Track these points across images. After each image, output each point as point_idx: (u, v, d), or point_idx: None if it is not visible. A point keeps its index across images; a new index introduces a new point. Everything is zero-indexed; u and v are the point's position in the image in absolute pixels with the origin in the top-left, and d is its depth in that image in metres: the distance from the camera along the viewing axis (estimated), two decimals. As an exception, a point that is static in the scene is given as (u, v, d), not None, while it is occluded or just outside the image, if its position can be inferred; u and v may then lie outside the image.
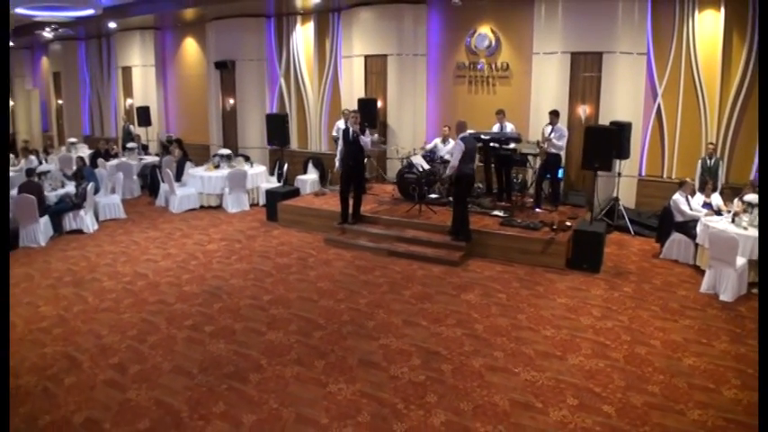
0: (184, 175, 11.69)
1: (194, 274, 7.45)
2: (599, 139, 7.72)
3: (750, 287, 6.65)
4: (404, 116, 11.76)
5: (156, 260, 8.10)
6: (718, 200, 7.95)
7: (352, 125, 8.58)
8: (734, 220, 7.07)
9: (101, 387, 4.77)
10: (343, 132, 8.74)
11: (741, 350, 5.28)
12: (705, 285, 6.75)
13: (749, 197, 7.10)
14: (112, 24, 14.55)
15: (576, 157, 9.22)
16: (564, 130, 9.07)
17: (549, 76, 9.99)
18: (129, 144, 14.14)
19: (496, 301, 6.47)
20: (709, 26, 9.08)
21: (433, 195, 9.53)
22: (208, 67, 14.43)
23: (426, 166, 9.24)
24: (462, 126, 7.93)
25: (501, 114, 9.54)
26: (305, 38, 13.18)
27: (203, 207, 11.28)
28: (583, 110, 9.80)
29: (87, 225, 9.64)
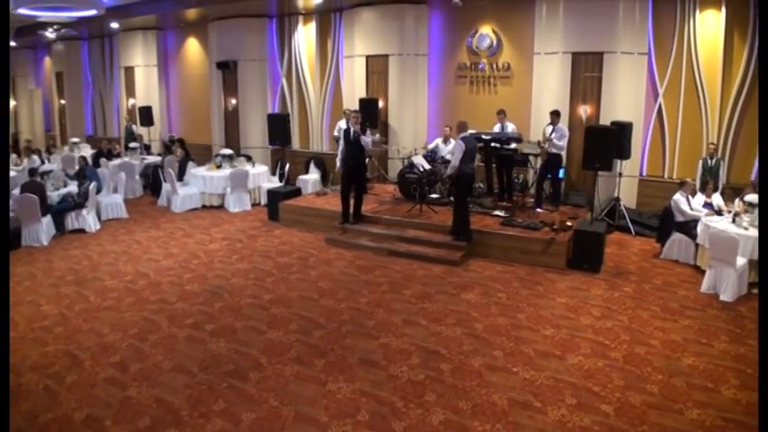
0: (186, 175, 11.74)
1: (196, 274, 7.49)
2: (599, 139, 7.73)
3: (750, 287, 6.65)
4: (405, 116, 11.78)
5: (158, 259, 8.13)
6: (719, 200, 7.94)
7: (353, 125, 8.60)
8: (734, 221, 7.07)
9: (102, 385, 4.80)
10: (345, 132, 8.76)
11: (741, 350, 5.28)
12: (705, 285, 6.75)
13: (750, 197, 7.10)
14: (115, 24, 14.60)
15: (577, 158, 9.22)
16: (565, 130, 9.08)
17: (550, 77, 9.99)
18: (132, 144, 14.19)
19: (496, 300, 6.48)
20: (710, 26, 9.07)
21: (434, 195, 9.54)
22: (210, 67, 14.47)
23: (427, 166, 9.26)
24: (463, 126, 7.94)
25: (502, 114, 9.56)
26: (307, 38, 13.20)
27: (205, 207, 11.31)
28: (584, 110, 9.80)
29: (89, 224, 9.69)
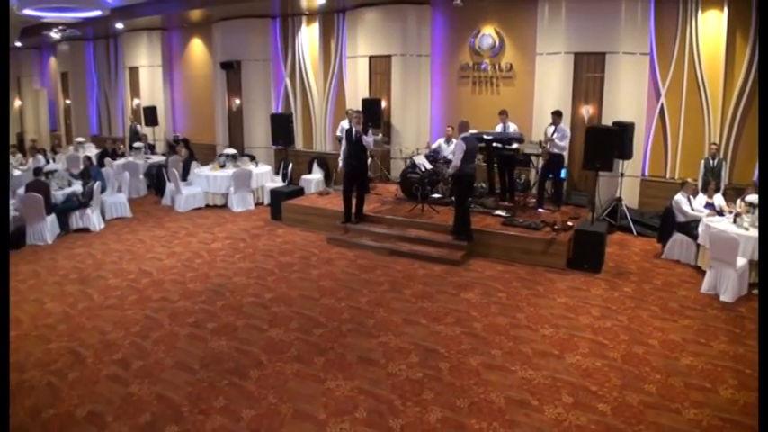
0: (190, 175, 11.80)
1: (198, 272, 7.54)
2: (600, 140, 7.73)
3: (751, 288, 6.65)
4: (408, 116, 11.81)
5: (161, 258, 8.19)
6: (721, 200, 7.94)
7: (354, 125, 8.65)
8: (735, 221, 7.07)
9: (104, 382, 4.86)
10: (347, 132, 8.80)
11: (740, 350, 5.29)
12: (706, 286, 6.76)
13: (751, 198, 7.09)
14: (120, 25, 14.70)
15: (579, 158, 9.21)
16: (566, 130, 9.10)
17: (553, 77, 10.00)
18: (136, 144, 14.28)
19: (496, 300, 6.50)
20: (712, 26, 9.06)
21: (436, 195, 9.58)
22: (214, 67, 14.53)
23: (429, 166, 9.28)
24: (464, 126, 7.97)
25: (504, 115, 9.58)
26: (310, 38, 13.25)
27: (209, 206, 11.38)
28: (586, 110, 9.80)
29: (94, 223, 9.77)
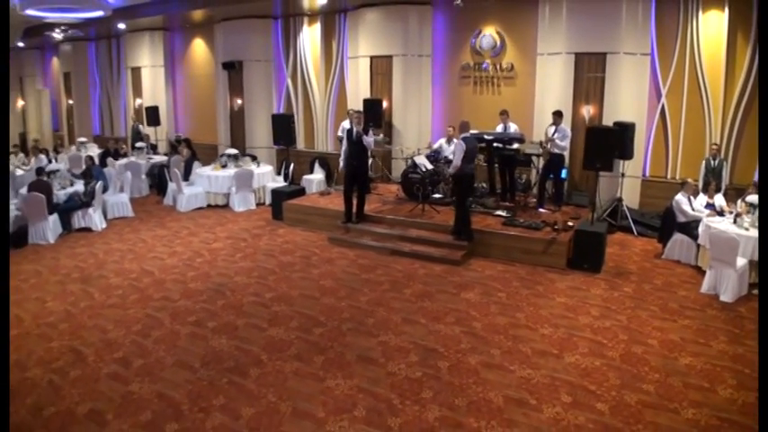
0: (192, 175, 11.84)
1: (199, 272, 7.57)
2: (600, 140, 7.72)
3: (751, 288, 6.65)
4: (409, 116, 11.82)
5: (163, 258, 8.22)
6: (722, 200, 7.94)
7: (355, 125, 8.67)
8: (736, 221, 7.07)
9: (105, 380, 4.89)
10: (348, 132, 8.82)
11: (739, 350, 5.29)
12: (705, 286, 6.76)
13: (751, 198, 7.10)
14: (122, 25, 14.75)
15: (580, 158, 9.19)
16: (567, 130, 9.11)
17: (554, 77, 10.01)
18: (138, 143, 14.33)
19: (496, 299, 6.52)
20: (713, 27, 9.06)
21: (437, 195, 9.59)
22: (216, 67, 14.58)
23: (429, 166, 9.29)
24: (465, 126, 7.99)
25: (504, 115, 9.59)
26: (312, 39, 13.28)
27: (210, 206, 11.42)
28: (587, 110, 9.81)
29: (96, 223, 9.81)
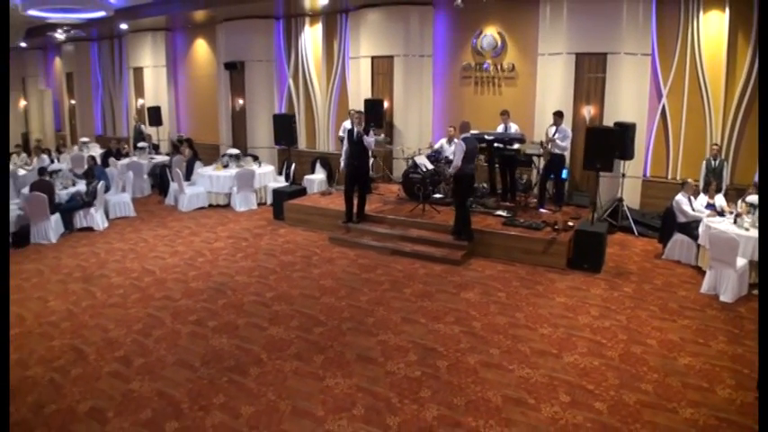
0: (194, 175, 11.87)
1: (200, 271, 7.60)
2: (600, 140, 7.73)
3: (751, 288, 6.65)
4: (410, 116, 11.84)
5: (164, 257, 8.25)
6: (722, 201, 7.94)
7: (356, 125, 8.69)
8: (736, 221, 7.07)
9: (105, 378, 4.92)
10: (348, 132, 8.84)
11: (738, 350, 5.30)
12: (705, 286, 6.77)
13: (751, 198, 7.10)
14: (124, 26, 14.79)
15: (581, 158, 9.19)
16: (568, 130, 9.12)
17: (554, 77, 10.02)
18: (140, 143, 14.36)
19: (496, 299, 6.53)
20: (713, 27, 9.06)
21: (438, 195, 9.61)
22: (218, 67, 14.62)
23: (430, 167, 9.31)
24: (465, 126, 8.01)
25: (505, 115, 9.60)
26: (313, 39, 13.31)
27: (212, 206, 11.45)
28: (587, 110, 9.82)
29: (97, 223, 9.85)
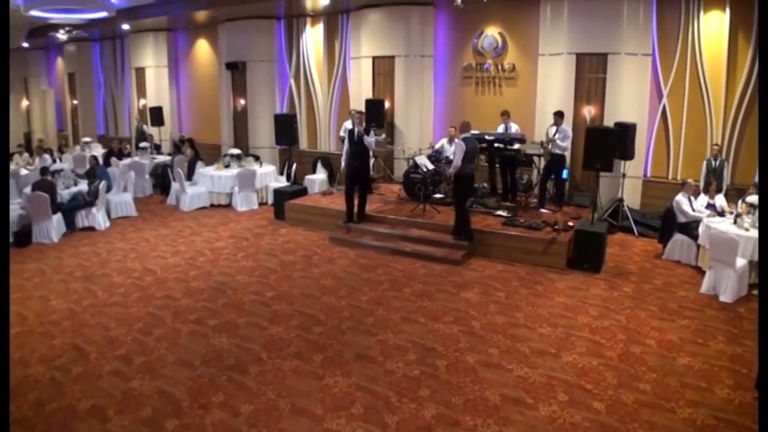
0: (195, 175, 11.90)
1: (201, 271, 7.62)
2: (600, 140, 7.74)
3: (750, 288, 6.65)
4: (411, 117, 11.86)
5: (165, 257, 8.28)
6: (722, 201, 7.94)
7: (356, 125, 8.71)
8: (736, 221, 7.07)
9: (106, 377, 4.94)
10: (349, 133, 8.86)
11: (737, 350, 5.30)
12: (705, 286, 6.77)
13: (751, 198, 7.11)
14: (126, 26, 14.83)
15: (581, 158, 9.19)
16: (568, 131, 9.13)
17: (555, 78, 10.03)
18: (142, 143, 14.40)
19: (495, 299, 6.54)
20: (714, 27, 9.06)
21: (438, 195, 9.63)
22: (219, 68, 14.65)
23: (430, 167, 9.33)
24: (465, 126, 8.03)
25: (506, 115, 9.62)
26: (314, 39, 13.34)
27: (213, 205, 11.48)
28: (588, 111, 9.83)
29: (99, 222, 9.88)
